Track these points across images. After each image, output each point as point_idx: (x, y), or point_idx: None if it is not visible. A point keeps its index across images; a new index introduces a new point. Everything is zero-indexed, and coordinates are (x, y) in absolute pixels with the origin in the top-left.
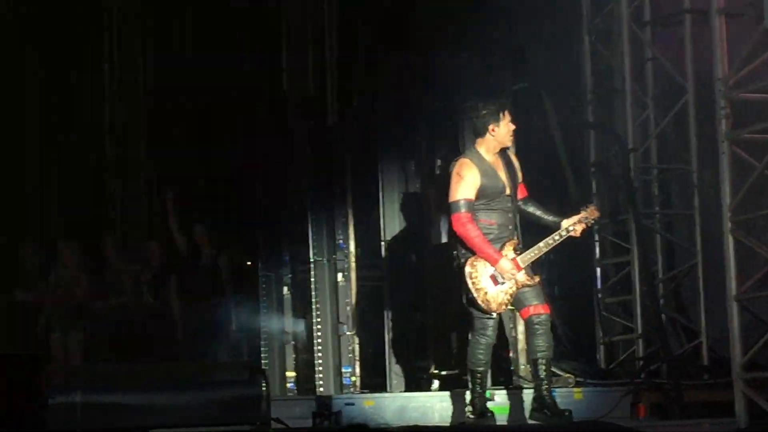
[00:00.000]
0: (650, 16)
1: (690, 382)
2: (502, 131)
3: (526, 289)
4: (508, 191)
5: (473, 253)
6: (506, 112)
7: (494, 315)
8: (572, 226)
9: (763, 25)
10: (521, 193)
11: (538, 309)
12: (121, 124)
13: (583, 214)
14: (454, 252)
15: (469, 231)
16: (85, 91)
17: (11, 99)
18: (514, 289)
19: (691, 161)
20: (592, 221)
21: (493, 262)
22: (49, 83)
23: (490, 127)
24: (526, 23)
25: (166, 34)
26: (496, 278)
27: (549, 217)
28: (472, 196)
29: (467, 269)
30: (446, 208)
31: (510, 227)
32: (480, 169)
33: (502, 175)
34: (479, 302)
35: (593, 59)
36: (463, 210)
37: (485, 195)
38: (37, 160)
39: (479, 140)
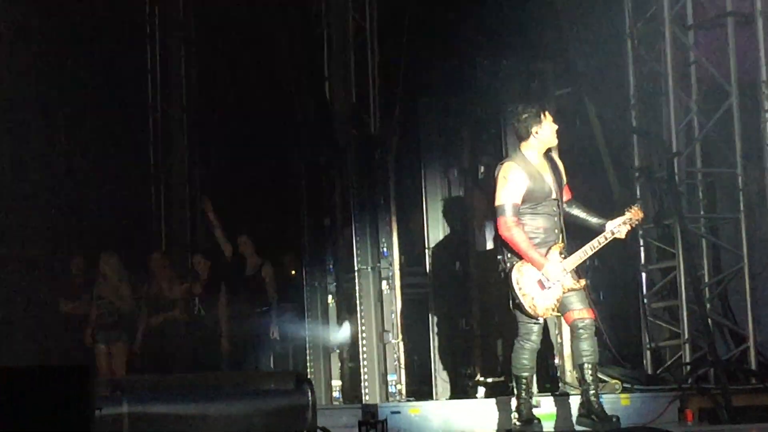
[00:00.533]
0: (693, 19)
1: (738, 386)
2: (545, 132)
3: (571, 293)
4: (554, 195)
5: (519, 257)
6: (546, 113)
7: (540, 320)
8: (617, 227)
9: None
10: (566, 195)
11: (583, 313)
12: (165, 135)
13: (627, 215)
14: (500, 257)
15: (515, 235)
16: (129, 104)
17: (57, 114)
18: (561, 293)
19: (736, 164)
20: (637, 222)
21: (540, 267)
22: (93, 97)
23: (533, 129)
24: (569, 29)
25: (209, 45)
26: (543, 283)
27: (594, 219)
28: (518, 200)
29: (514, 274)
30: (491, 212)
31: (556, 231)
32: (526, 173)
33: (548, 178)
34: (526, 307)
35: (636, 63)
36: (508, 214)
37: (532, 198)
38: (83, 173)
39: (523, 144)
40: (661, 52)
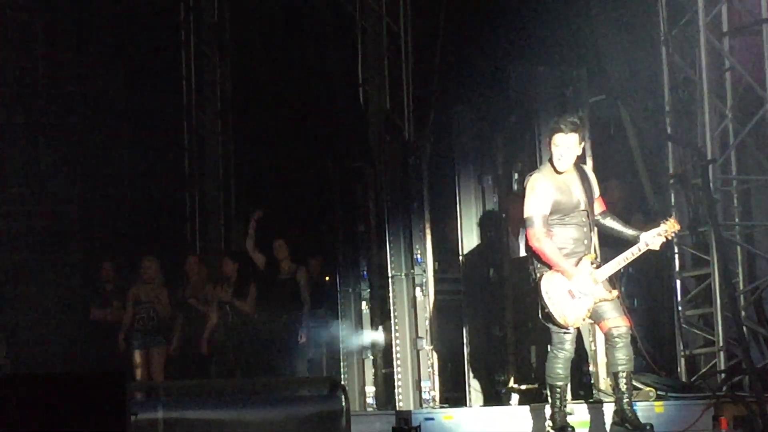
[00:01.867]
0: (728, 26)
1: None
2: (553, 150)
3: (604, 302)
4: (582, 206)
5: (549, 267)
6: (556, 136)
7: (571, 329)
8: (652, 239)
9: None
10: (600, 207)
11: (617, 322)
12: (199, 141)
13: (663, 227)
14: (530, 267)
15: (545, 246)
16: (164, 109)
17: (93, 121)
18: (592, 303)
19: None
20: (673, 234)
21: (569, 277)
22: (129, 103)
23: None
24: (603, 35)
25: (244, 51)
26: (573, 292)
27: (628, 231)
28: (546, 211)
29: (543, 284)
30: (524, 221)
31: (585, 242)
32: (553, 185)
33: (576, 190)
34: (556, 317)
35: (671, 70)
36: (537, 225)
37: (559, 210)
38: (117, 179)
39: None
40: (696, 58)
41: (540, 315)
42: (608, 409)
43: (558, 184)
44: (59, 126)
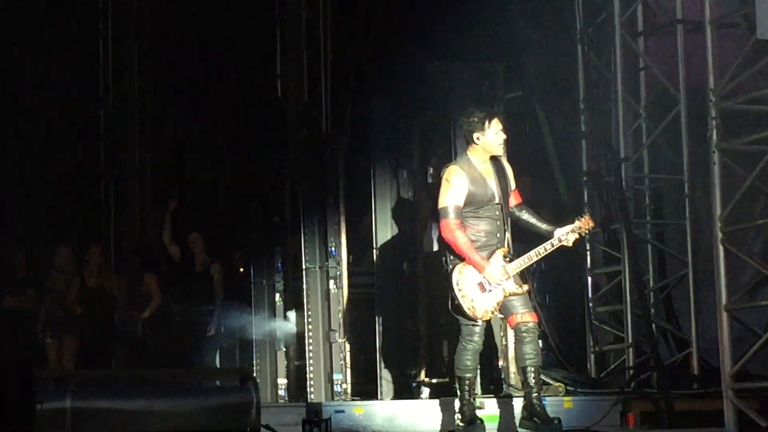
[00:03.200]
0: (643, 26)
1: (680, 391)
2: (487, 139)
3: (514, 297)
4: (497, 199)
5: (461, 259)
6: (493, 121)
7: (480, 322)
8: (565, 235)
9: (755, 36)
10: (515, 199)
11: (526, 317)
12: (116, 130)
13: (577, 223)
14: (443, 258)
15: (457, 237)
16: (81, 96)
17: (9, 109)
18: (502, 297)
19: (683, 171)
20: (587, 232)
21: (480, 269)
22: (44, 88)
23: (476, 135)
24: (520, 32)
25: (162, 41)
26: (484, 285)
27: (543, 226)
28: (460, 202)
29: (454, 275)
30: (437, 214)
31: (498, 235)
32: (469, 176)
33: (492, 182)
34: (465, 308)
35: (586, 68)
36: (451, 216)
37: (474, 202)
38: (29, 166)
39: (469, 148)
40: (611, 57)
41: (450, 306)
42: (518, 404)
43: (474, 177)
44: None
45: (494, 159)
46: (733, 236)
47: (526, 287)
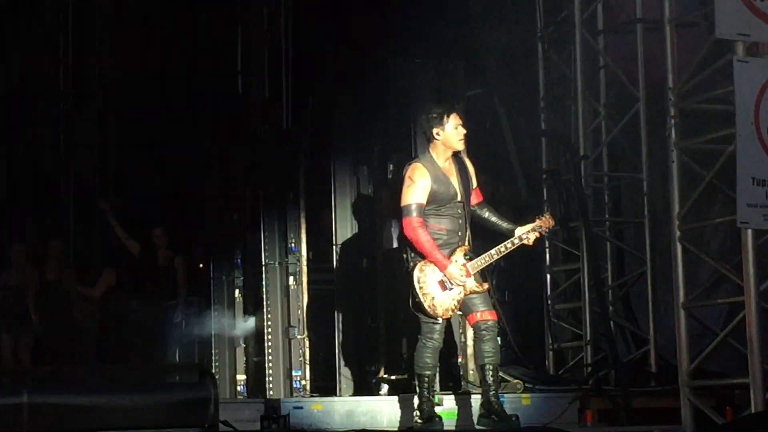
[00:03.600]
0: (603, 24)
1: (638, 388)
2: (447, 134)
3: (474, 295)
4: (459, 197)
5: (423, 257)
6: (452, 116)
7: (441, 320)
8: (525, 234)
9: (714, 35)
10: (476, 197)
11: (485, 315)
12: (75, 125)
13: (537, 222)
14: (404, 255)
15: (420, 235)
16: (39, 93)
17: None
18: (462, 295)
19: (642, 169)
20: (547, 230)
21: (442, 267)
22: (4, 85)
23: (435, 131)
24: (481, 29)
25: (121, 37)
26: (445, 283)
27: (503, 224)
28: (423, 200)
29: (416, 273)
30: (399, 211)
31: (460, 233)
32: (432, 174)
33: (454, 180)
34: (425, 307)
35: (546, 66)
36: (414, 214)
37: (436, 200)
38: None
39: (431, 145)
40: (571, 55)
41: (410, 304)
42: (476, 401)
43: (437, 175)
44: None
45: (456, 156)
46: (691, 234)
47: (486, 285)
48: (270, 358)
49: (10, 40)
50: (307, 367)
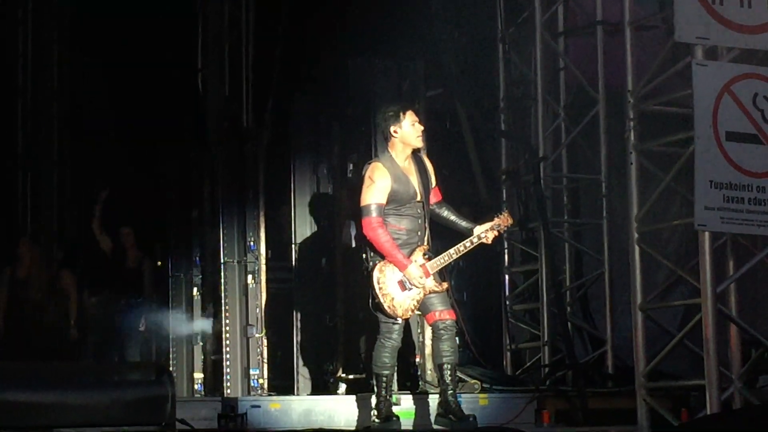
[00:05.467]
0: (563, 26)
1: (594, 389)
2: (404, 132)
3: (433, 294)
4: (419, 197)
5: (383, 257)
6: (408, 113)
7: (400, 320)
8: (484, 233)
9: (673, 38)
10: (435, 197)
11: (444, 315)
12: (34, 122)
13: (496, 221)
14: (363, 255)
15: (379, 235)
16: None
17: None
18: (422, 295)
19: (601, 171)
20: (505, 229)
21: (402, 268)
22: None
23: (392, 129)
24: (441, 30)
25: (83, 32)
26: (404, 284)
27: (462, 223)
28: (383, 200)
29: (375, 274)
30: (358, 211)
31: (419, 233)
32: (392, 174)
33: (414, 180)
34: (385, 307)
35: (506, 67)
36: (373, 214)
37: (396, 200)
38: None
39: (389, 144)
40: (532, 57)
41: (370, 305)
42: (434, 400)
43: (397, 174)
44: None
45: (415, 156)
46: (648, 236)
47: (445, 285)
48: (228, 356)
49: None
50: (265, 365)
